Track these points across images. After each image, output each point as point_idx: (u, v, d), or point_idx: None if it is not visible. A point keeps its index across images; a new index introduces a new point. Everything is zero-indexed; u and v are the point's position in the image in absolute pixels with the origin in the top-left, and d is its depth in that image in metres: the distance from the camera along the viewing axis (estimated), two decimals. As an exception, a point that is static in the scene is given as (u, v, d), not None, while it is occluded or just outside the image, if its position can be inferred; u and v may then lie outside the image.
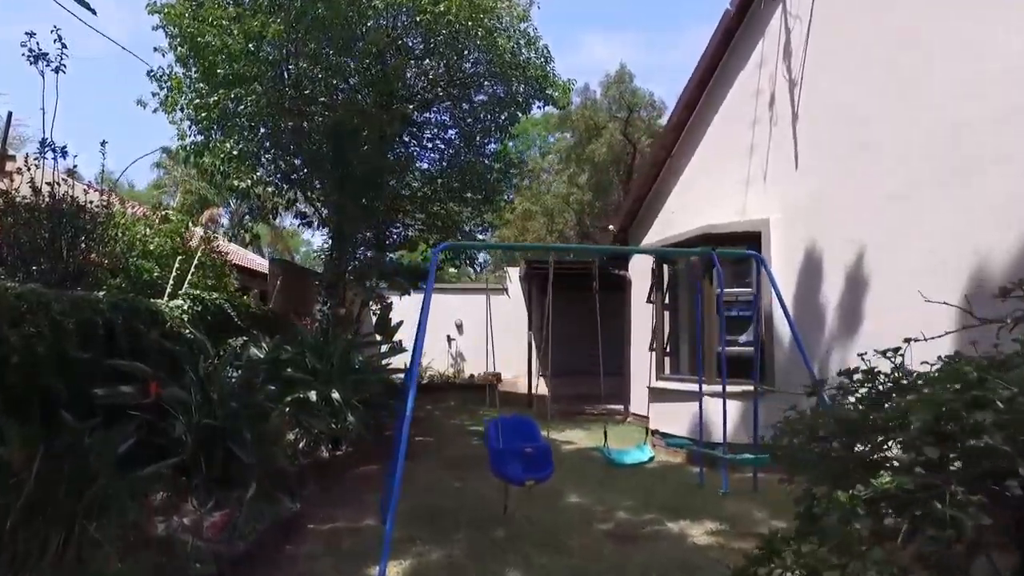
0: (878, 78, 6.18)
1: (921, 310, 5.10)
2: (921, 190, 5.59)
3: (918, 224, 5.62)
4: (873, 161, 6.14)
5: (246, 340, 8.05)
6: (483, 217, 12.91)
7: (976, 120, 5.09)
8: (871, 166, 6.17)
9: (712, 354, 7.73)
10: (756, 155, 7.94)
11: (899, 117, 5.90)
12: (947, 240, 5.29)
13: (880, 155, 6.07)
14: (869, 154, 6.19)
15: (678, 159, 9.78)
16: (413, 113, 9.80)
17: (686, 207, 9.30)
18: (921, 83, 5.69)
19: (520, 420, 5.06)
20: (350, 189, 8.49)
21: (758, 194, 7.86)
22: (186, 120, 8.85)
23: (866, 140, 6.23)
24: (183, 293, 8.02)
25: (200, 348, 6.68)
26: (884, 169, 6.01)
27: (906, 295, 5.65)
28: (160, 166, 34.53)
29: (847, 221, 6.44)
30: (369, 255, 12.73)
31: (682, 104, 9.31)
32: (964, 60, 5.27)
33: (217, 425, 5.62)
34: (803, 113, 7.14)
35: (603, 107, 21.70)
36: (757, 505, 5.68)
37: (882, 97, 6.12)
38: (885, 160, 6.01)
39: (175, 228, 8.69)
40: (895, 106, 5.96)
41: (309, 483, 6.54)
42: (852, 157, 6.41)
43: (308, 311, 11.59)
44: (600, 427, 11.25)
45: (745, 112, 8.12)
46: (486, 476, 6.98)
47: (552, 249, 5.34)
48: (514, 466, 4.50)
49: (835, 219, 6.61)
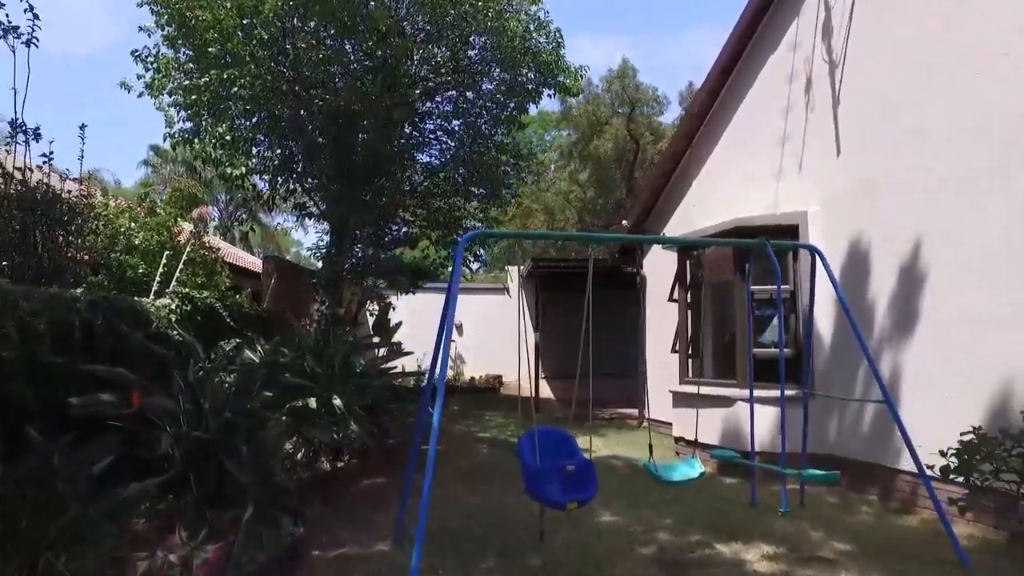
0: (930, 55, 5.66)
1: (995, 302, 4.57)
2: (986, 174, 5.07)
3: (982, 210, 5.10)
4: (927, 146, 5.62)
5: (239, 342, 7.44)
6: (487, 213, 12.31)
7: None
8: (924, 151, 5.64)
9: (746, 356, 7.19)
10: (790, 144, 7.41)
11: (956, 95, 5.38)
12: (1018, 226, 4.78)
13: (935, 139, 5.55)
14: (922, 138, 5.67)
15: (699, 150, 9.25)
16: (417, 102, 9.19)
17: (708, 201, 8.77)
18: (977, 59, 5.18)
19: (556, 432, 4.47)
20: (354, 177, 7.87)
21: (792, 185, 7.33)
22: (174, 106, 8.20)
23: (920, 123, 5.70)
24: (171, 291, 7.42)
25: (190, 351, 6.06)
26: (940, 153, 5.48)
27: (973, 287, 5.17)
28: (148, 164, 33.76)
29: (899, 210, 5.91)
30: (369, 252, 12.13)
31: (704, 91, 8.77)
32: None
33: (209, 438, 5.01)
34: (845, 97, 6.61)
35: (606, 102, 21.17)
36: (810, 523, 5.14)
37: (935, 75, 5.59)
38: (940, 144, 5.49)
39: (162, 222, 8.05)
40: (950, 85, 5.44)
41: (312, 500, 5.93)
42: (903, 142, 5.88)
43: (305, 311, 10.96)
44: (614, 432, 10.80)
45: (776, 98, 7.59)
46: (504, 489, 6.43)
47: (589, 239, 4.77)
48: (554, 487, 3.92)
49: (885, 209, 6.08)
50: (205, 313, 7.61)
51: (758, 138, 7.91)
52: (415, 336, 10.54)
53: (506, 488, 6.44)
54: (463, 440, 9.48)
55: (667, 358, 9.14)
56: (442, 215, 12.47)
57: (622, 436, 10.03)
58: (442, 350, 3.82)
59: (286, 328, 8.92)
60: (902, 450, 5.80)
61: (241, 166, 7.40)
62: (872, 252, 6.27)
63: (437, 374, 4.02)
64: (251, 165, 7.80)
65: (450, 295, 4.07)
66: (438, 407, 3.66)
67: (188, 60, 7.79)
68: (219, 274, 9.84)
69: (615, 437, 9.94)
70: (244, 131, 7.67)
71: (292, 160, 8.35)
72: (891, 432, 5.90)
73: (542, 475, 3.97)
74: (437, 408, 3.65)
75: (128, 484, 5.02)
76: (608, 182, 21.47)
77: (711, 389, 7.51)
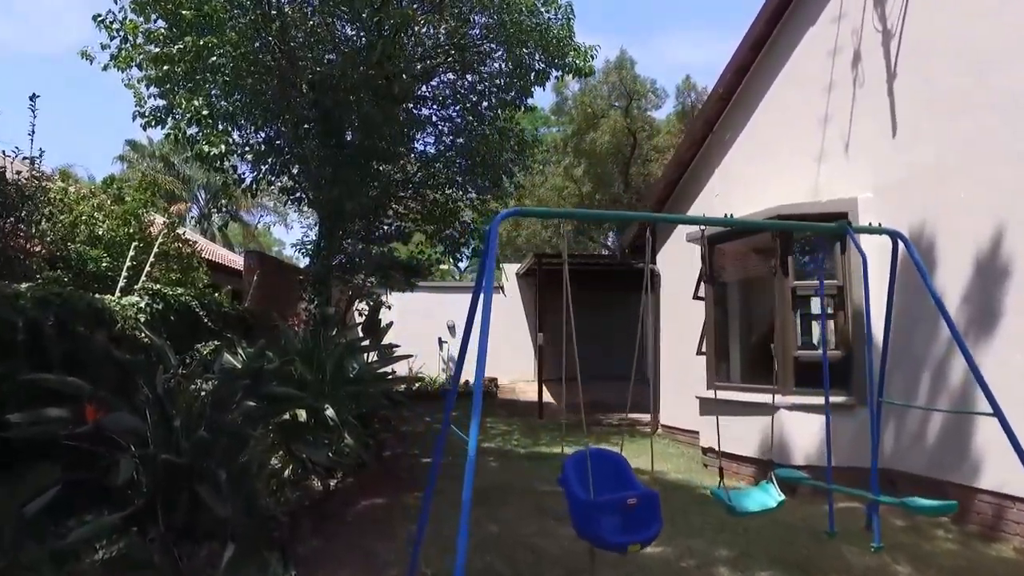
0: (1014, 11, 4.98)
1: None
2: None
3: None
4: (1017, 117, 4.92)
5: (218, 345, 6.59)
6: (487, 205, 11.52)
7: None
8: (1012, 124, 4.94)
9: (789, 358, 6.48)
10: (833, 124, 6.70)
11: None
12: None
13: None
14: (1009, 109, 4.97)
15: (721, 135, 8.53)
16: (416, 81, 8.37)
17: (734, 189, 8.04)
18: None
19: (606, 455, 3.69)
20: (349, 158, 7.04)
21: (836, 170, 6.63)
22: (144, 81, 7.30)
23: (1006, 92, 5.00)
24: (140, 288, 6.55)
25: (160, 356, 5.20)
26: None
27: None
28: (124, 159, 32.50)
29: (975, 195, 5.22)
30: (360, 248, 11.27)
31: (731, 70, 8.04)
32: None
33: (181, 462, 4.16)
34: (904, 69, 5.91)
35: (602, 94, 20.46)
36: (890, 555, 4.41)
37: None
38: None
39: (131, 209, 7.15)
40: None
41: (302, 528, 5.10)
42: (982, 115, 5.18)
43: (292, 311, 10.10)
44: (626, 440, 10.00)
45: (816, 75, 6.88)
46: (524, 514, 5.62)
47: (639, 219, 3.93)
48: (611, 524, 3.15)
49: (955, 193, 5.39)
50: (179, 312, 6.77)
51: (795, 119, 7.20)
52: (402, 337, 9.73)
53: (525, 512, 5.66)
54: (466, 450, 8.65)
55: (685, 361, 8.41)
56: (438, 208, 11.67)
57: (637, 445, 9.25)
58: (477, 356, 3.03)
59: (271, 329, 8.07)
60: (981, 467, 5.12)
61: (220, 143, 6.53)
62: (939, 243, 5.57)
63: (463, 384, 3.23)
64: (232, 142, 6.92)
65: (483, 283, 3.29)
66: (474, 430, 2.86)
67: (160, 28, 6.89)
68: (196, 270, 8.97)
69: (629, 446, 9.13)
70: (224, 104, 6.79)
71: (279, 137, 7.45)
72: (966, 446, 5.21)
73: (596, 510, 3.20)
74: (473, 430, 2.85)
75: (82, 517, 4.20)
76: (605, 177, 20.76)
77: (748, 396, 6.78)
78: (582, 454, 3.54)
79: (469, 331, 3.67)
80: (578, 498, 3.26)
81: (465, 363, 12.75)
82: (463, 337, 3.71)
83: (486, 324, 3.03)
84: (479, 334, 3.02)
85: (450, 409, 3.99)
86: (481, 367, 3.00)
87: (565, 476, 3.44)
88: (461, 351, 3.78)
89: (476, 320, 3.35)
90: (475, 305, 3.60)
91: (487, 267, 3.17)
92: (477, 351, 3.02)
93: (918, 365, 5.69)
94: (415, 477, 7.17)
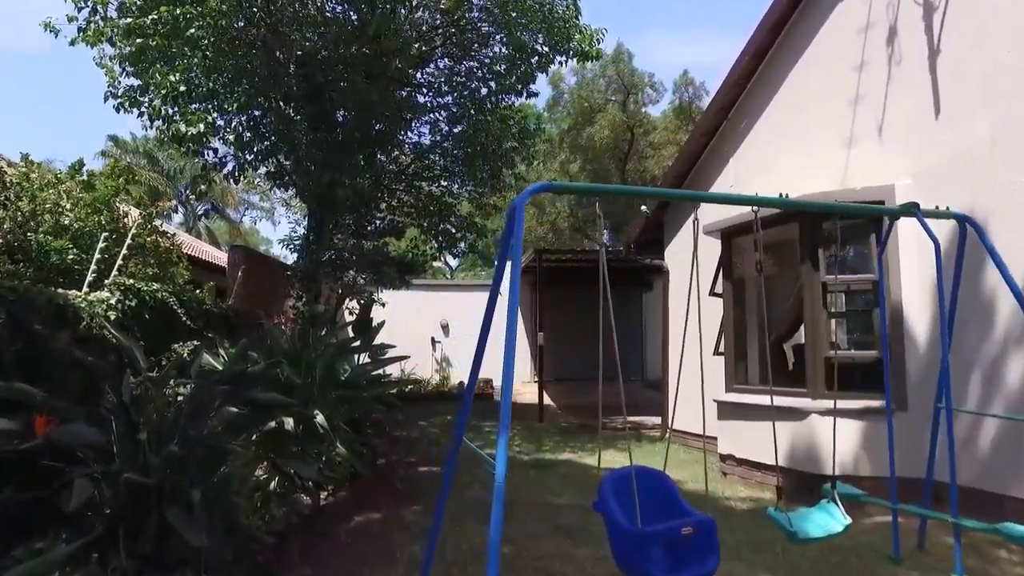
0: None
1: None
2: None
3: None
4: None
5: (198, 345, 6.01)
6: (485, 198, 10.97)
7: None
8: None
9: (820, 359, 5.99)
10: (865, 106, 6.23)
11: None
12: None
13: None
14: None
15: (737, 122, 8.05)
16: (412, 63, 7.81)
17: (752, 178, 7.53)
18: None
19: (648, 474, 3.16)
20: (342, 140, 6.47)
21: (868, 155, 6.16)
22: (117, 58, 6.70)
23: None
24: (111, 283, 5.96)
25: (129, 358, 4.62)
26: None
27: None
28: (106, 155, 31.63)
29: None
30: (350, 243, 10.69)
31: (748, 54, 7.56)
32: None
33: (147, 481, 3.59)
34: (949, 44, 5.44)
35: (599, 88, 19.96)
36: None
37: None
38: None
39: (102, 197, 6.54)
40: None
41: (289, 551, 4.54)
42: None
43: (278, 308, 9.50)
44: (636, 446, 9.53)
45: (846, 54, 6.41)
46: (534, 532, 5.09)
47: (670, 196, 3.33)
48: (662, 558, 2.64)
49: (1013, 178, 4.91)
50: (155, 310, 6.19)
51: (820, 103, 6.73)
52: (394, 337, 9.18)
53: (537, 528, 5.13)
54: (467, 459, 8.07)
55: (698, 361, 7.91)
56: (433, 201, 11.10)
57: (646, 451, 8.74)
58: (505, 351, 2.49)
59: (256, 328, 7.50)
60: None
61: (199, 122, 5.92)
62: (990, 232, 5.09)
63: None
64: (212, 121, 6.30)
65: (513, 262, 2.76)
66: (502, 453, 2.32)
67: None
68: (176, 265, 8.37)
69: (636, 452, 8.61)
70: (204, 79, 6.17)
71: (265, 117, 6.83)
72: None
73: (644, 543, 2.67)
74: (501, 455, 2.32)
75: (33, 545, 3.63)
76: (602, 173, 20.26)
77: (765, 399, 6.27)
78: (623, 473, 3.02)
79: (488, 327, 3.14)
80: (622, 528, 2.73)
81: (457, 363, 11.93)
82: (480, 334, 3.18)
83: (513, 316, 2.50)
84: (506, 327, 2.49)
85: (465, 419, 3.45)
86: (510, 364, 2.47)
87: (603, 500, 2.91)
88: (478, 350, 3.25)
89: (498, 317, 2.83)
90: (495, 296, 3.07)
91: (513, 249, 2.63)
92: (504, 345, 2.48)
93: (967, 367, 5.22)
94: (413, 488, 6.62)
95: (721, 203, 3.34)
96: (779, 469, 3.41)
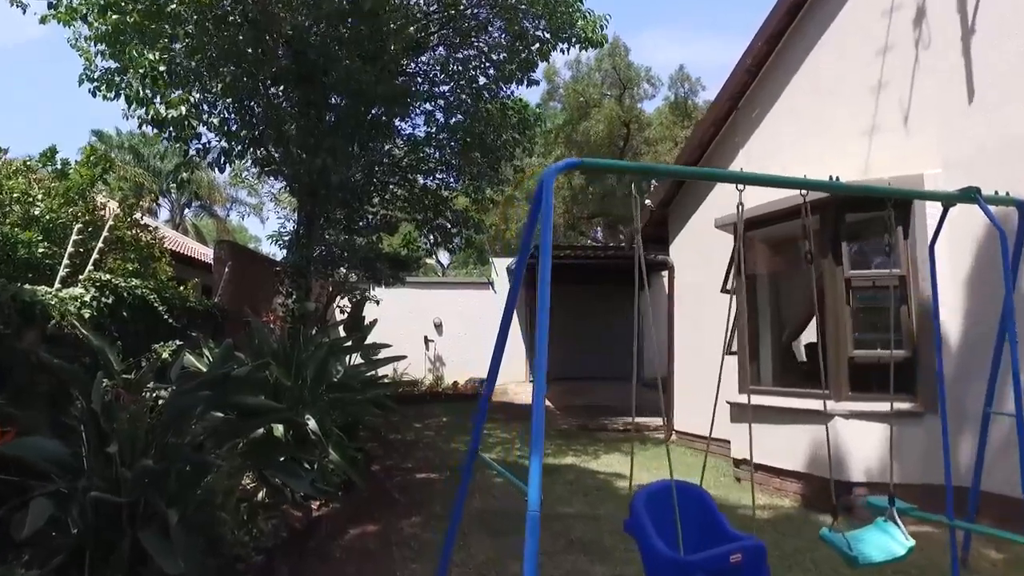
0: None
1: None
2: None
3: None
4: None
5: (180, 345, 5.60)
6: (481, 192, 10.59)
7: None
8: None
9: (843, 359, 5.66)
10: (888, 93, 5.91)
11: None
12: None
13: None
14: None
15: (749, 111, 7.71)
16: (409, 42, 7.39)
17: (764, 167, 7.18)
18: None
19: (686, 491, 2.78)
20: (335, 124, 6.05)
21: (893, 143, 5.83)
22: (92, 39, 6.24)
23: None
24: (85, 278, 5.54)
25: (102, 360, 4.21)
26: None
27: None
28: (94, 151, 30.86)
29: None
30: (342, 239, 10.28)
31: (762, 38, 7.22)
32: None
33: (119, 500, 3.19)
34: (984, 24, 5.12)
35: (595, 82, 19.60)
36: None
37: None
38: None
39: (76, 186, 6.09)
40: None
41: (280, 574, 4.14)
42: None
43: (267, 306, 9.08)
44: (637, 448, 9.11)
45: (868, 38, 6.09)
46: (551, 549, 4.70)
47: (727, 178, 2.95)
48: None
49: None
50: (135, 308, 5.78)
51: (839, 90, 6.40)
52: (385, 336, 8.80)
53: (550, 544, 4.74)
54: (464, 463, 7.69)
55: (706, 360, 7.58)
56: (428, 195, 10.71)
57: (651, 454, 8.40)
58: (538, 356, 2.11)
59: (244, 327, 7.08)
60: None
61: (180, 104, 5.47)
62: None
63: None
64: (194, 101, 5.84)
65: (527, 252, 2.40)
66: (536, 477, 1.94)
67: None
68: (158, 261, 7.92)
69: (642, 456, 8.28)
70: (185, 63, 5.71)
71: (252, 99, 6.36)
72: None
73: (692, 572, 2.31)
74: (535, 479, 1.94)
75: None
76: (598, 169, 19.88)
77: (792, 401, 5.96)
78: (657, 488, 2.66)
79: (508, 322, 2.77)
80: (662, 555, 2.36)
81: (450, 363, 11.28)
82: (500, 327, 2.81)
83: (545, 300, 2.11)
84: (538, 312, 2.11)
85: (480, 428, 3.08)
86: (542, 359, 2.08)
87: (636, 520, 2.54)
88: (497, 346, 2.89)
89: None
90: (516, 287, 2.70)
91: (543, 228, 2.25)
92: (536, 335, 2.10)
93: (1005, 367, 4.89)
94: (411, 498, 6.23)
95: (764, 185, 2.97)
96: (833, 483, 3.04)
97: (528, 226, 2.63)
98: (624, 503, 6.37)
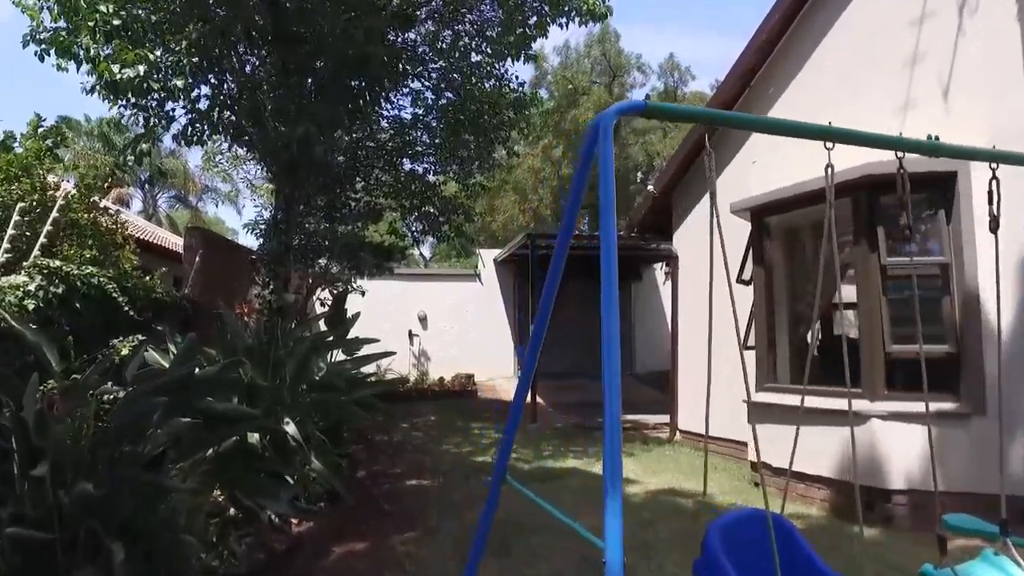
0: None
1: None
2: None
3: None
4: None
5: (142, 340, 4.92)
6: (471, 178, 10.00)
7: None
8: None
9: (878, 355, 5.18)
10: (925, 65, 5.43)
11: None
12: None
13: None
14: None
15: (763, 89, 7.20)
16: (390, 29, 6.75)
17: (781, 153, 6.70)
18: None
19: (763, 520, 2.23)
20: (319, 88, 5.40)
21: (932, 119, 5.34)
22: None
23: None
24: (30, 265, 4.88)
25: (38, 359, 3.56)
26: None
27: None
28: (64, 141, 29.59)
29: None
30: (323, 227, 9.64)
31: (779, 9, 6.70)
32: None
33: (49, 537, 2.56)
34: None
35: (584, 69, 19.05)
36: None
37: None
38: None
39: (20, 161, 5.37)
40: None
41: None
42: None
43: (241, 298, 8.41)
44: (641, 449, 8.67)
45: (901, 7, 5.60)
46: (566, 570, 4.19)
47: (811, 133, 2.47)
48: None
49: None
50: (90, 299, 5.11)
51: (869, 63, 5.91)
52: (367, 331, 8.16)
53: (564, 565, 4.21)
54: (458, 468, 7.11)
55: (715, 355, 7.09)
56: (415, 181, 10.10)
57: (656, 456, 7.91)
58: (605, 332, 1.54)
59: (215, 320, 6.42)
60: None
61: (137, 63, 4.76)
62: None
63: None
64: (155, 60, 5.09)
65: (574, 211, 1.82)
66: (616, 530, 1.38)
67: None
68: (122, 248, 7.23)
69: (646, 457, 7.81)
70: (141, 16, 4.99)
71: (222, 59, 5.61)
72: None
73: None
74: (614, 533, 1.37)
75: None
76: (587, 158, 19.36)
77: (821, 401, 5.46)
78: (734, 519, 2.11)
79: (551, 298, 2.22)
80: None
81: (436, 358, 10.44)
82: (539, 312, 2.25)
83: (611, 267, 1.55)
84: (603, 284, 1.55)
85: (510, 444, 2.51)
86: (614, 351, 1.51)
87: (712, 561, 1.99)
88: (535, 334, 2.33)
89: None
90: (561, 257, 2.14)
91: (603, 186, 1.66)
92: (603, 321, 1.53)
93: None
94: (402, 508, 5.64)
95: (855, 144, 2.42)
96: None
97: (575, 186, 2.05)
98: (636, 511, 5.82)
